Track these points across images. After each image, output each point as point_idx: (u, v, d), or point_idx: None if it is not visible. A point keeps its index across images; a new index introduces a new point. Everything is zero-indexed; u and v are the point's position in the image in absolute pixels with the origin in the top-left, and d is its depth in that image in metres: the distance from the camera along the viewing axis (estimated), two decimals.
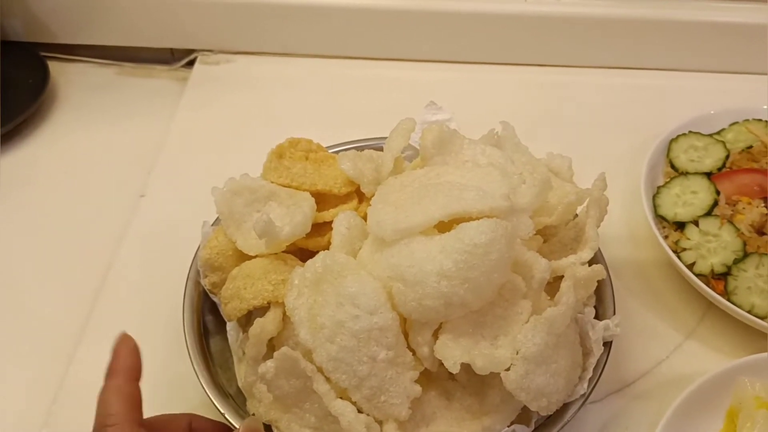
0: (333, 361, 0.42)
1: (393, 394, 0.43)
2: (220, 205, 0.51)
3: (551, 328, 0.43)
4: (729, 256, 0.56)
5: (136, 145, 0.74)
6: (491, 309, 0.44)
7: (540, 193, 0.47)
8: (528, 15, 0.77)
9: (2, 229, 0.67)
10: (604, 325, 0.48)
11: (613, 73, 0.80)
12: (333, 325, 0.42)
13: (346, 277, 0.43)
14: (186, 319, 0.52)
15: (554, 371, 0.43)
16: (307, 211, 0.49)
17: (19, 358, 0.58)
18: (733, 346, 0.55)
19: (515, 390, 0.42)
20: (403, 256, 0.43)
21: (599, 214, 0.51)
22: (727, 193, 0.60)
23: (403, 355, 0.43)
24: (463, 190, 0.45)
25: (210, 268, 0.52)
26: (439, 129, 0.51)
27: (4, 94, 0.76)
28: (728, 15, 0.76)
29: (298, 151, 0.55)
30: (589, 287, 0.49)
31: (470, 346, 0.43)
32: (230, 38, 0.82)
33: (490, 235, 0.41)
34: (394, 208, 0.46)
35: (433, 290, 0.41)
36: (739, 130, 0.66)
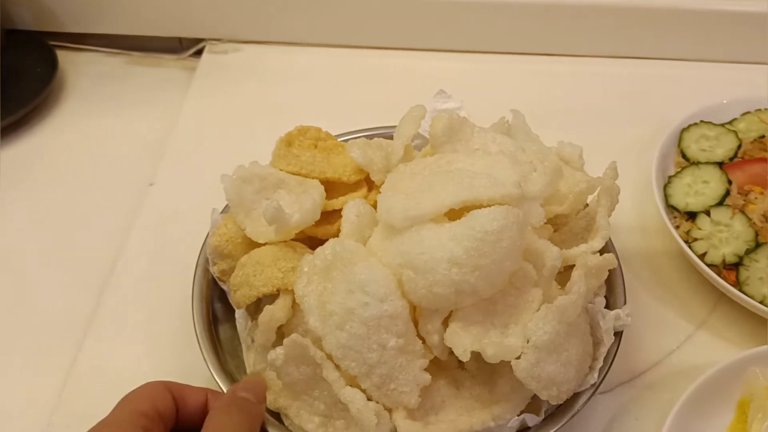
0: (342, 349, 0.42)
1: (402, 382, 0.43)
2: (229, 193, 0.51)
3: (562, 317, 0.43)
4: (741, 246, 0.55)
5: (145, 134, 0.74)
6: (502, 297, 0.44)
7: (551, 182, 0.47)
8: (538, 4, 0.77)
9: (11, 218, 0.67)
10: (614, 314, 0.48)
11: (624, 62, 0.79)
12: (343, 313, 0.42)
13: (356, 264, 0.43)
14: (195, 307, 0.52)
15: (565, 360, 0.43)
16: (317, 198, 0.49)
17: (27, 348, 0.58)
18: (744, 336, 0.55)
19: (526, 378, 0.42)
20: (414, 243, 0.43)
21: (610, 203, 0.50)
22: (739, 182, 0.60)
23: (412, 343, 0.43)
24: (474, 178, 0.44)
25: (219, 255, 0.52)
26: (448, 117, 0.51)
27: (12, 83, 0.76)
28: (740, 4, 0.75)
29: (307, 139, 0.55)
30: (600, 276, 0.48)
31: (480, 335, 0.43)
32: (238, 27, 0.81)
33: (502, 222, 0.41)
34: (404, 196, 0.45)
35: (444, 277, 0.41)
36: (751, 119, 0.66)
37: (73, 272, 0.62)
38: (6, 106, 0.74)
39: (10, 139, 0.74)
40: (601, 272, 0.48)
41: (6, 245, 0.65)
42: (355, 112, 0.72)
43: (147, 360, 0.55)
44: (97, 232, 0.65)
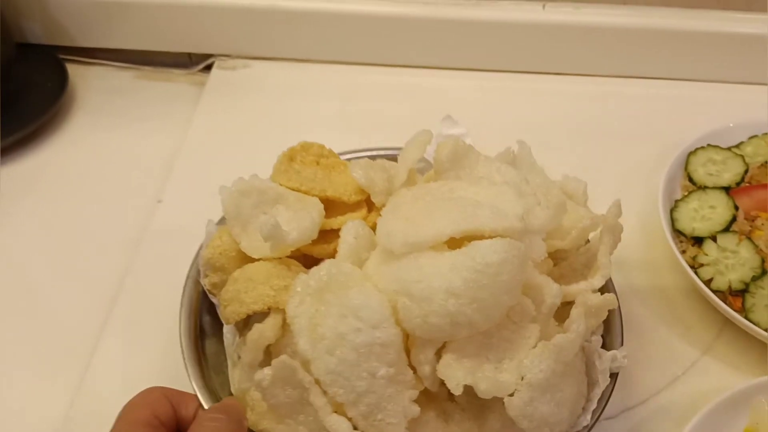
0: (331, 374, 0.41)
1: (390, 413, 0.42)
2: (226, 205, 0.50)
3: (559, 356, 0.42)
4: (747, 272, 0.55)
5: (154, 149, 0.74)
6: (498, 331, 0.43)
7: (555, 216, 0.46)
8: (546, 23, 0.77)
9: (21, 232, 0.67)
10: (611, 356, 0.47)
11: (631, 82, 0.79)
12: (334, 337, 0.41)
13: (350, 288, 0.42)
14: (182, 320, 0.51)
15: (559, 400, 0.42)
16: (315, 217, 0.48)
17: (36, 362, 0.58)
18: (750, 363, 0.55)
19: (518, 417, 0.41)
20: (411, 270, 0.42)
21: (612, 242, 0.50)
22: (746, 208, 0.60)
23: (403, 372, 0.42)
24: (477, 208, 0.44)
25: (211, 268, 0.51)
26: (454, 143, 0.50)
27: (23, 96, 0.76)
28: (749, 26, 0.75)
29: (309, 155, 0.54)
30: (599, 316, 0.48)
31: (474, 368, 0.42)
32: (247, 44, 0.82)
33: (503, 255, 0.40)
34: (404, 221, 0.45)
35: (440, 308, 0.40)
36: (758, 143, 0.66)
37: (83, 287, 0.63)
38: (17, 120, 0.74)
39: (21, 153, 0.74)
40: (600, 312, 0.48)
41: (16, 258, 0.65)
42: (361, 130, 0.73)
43: (157, 374, 0.56)
44: (105, 248, 0.65)
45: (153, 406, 0.42)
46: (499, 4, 0.78)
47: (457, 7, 0.78)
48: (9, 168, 0.73)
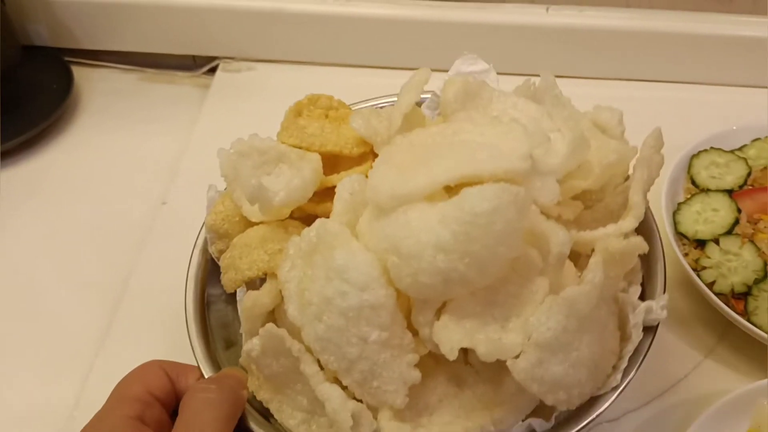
0: (320, 341, 0.38)
1: (387, 379, 0.38)
2: (225, 167, 0.47)
3: (571, 311, 0.37)
4: (750, 275, 0.55)
5: (158, 151, 0.75)
6: (503, 286, 0.38)
7: (572, 154, 0.40)
8: (549, 26, 0.77)
9: (26, 234, 0.68)
10: (645, 306, 0.41)
11: (634, 85, 0.79)
12: (320, 302, 0.38)
13: (335, 248, 0.39)
14: (188, 289, 0.49)
15: (575, 360, 0.37)
16: (307, 175, 0.45)
17: (41, 364, 0.58)
18: (752, 366, 0.55)
19: (525, 381, 0.37)
20: (399, 225, 0.38)
21: (647, 177, 0.43)
22: (749, 211, 0.60)
23: (399, 336, 0.39)
24: (477, 150, 0.38)
25: (216, 234, 0.49)
26: (462, 81, 0.45)
27: (28, 99, 0.77)
28: (752, 29, 0.75)
29: (317, 108, 0.52)
30: (625, 263, 0.41)
31: (476, 329, 0.37)
32: (252, 46, 0.82)
33: (494, 202, 0.35)
34: (396, 170, 0.40)
35: (429, 265, 0.36)
36: (761, 146, 0.66)
37: (87, 289, 0.63)
38: (23, 122, 0.75)
39: (27, 155, 0.75)
40: (627, 258, 0.41)
41: (21, 260, 0.66)
42: None
43: None
44: (109, 250, 0.66)
45: (147, 381, 0.41)
46: (503, 6, 0.78)
47: (460, 10, 0.78)
48: (15, 170, 0.73)
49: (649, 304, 0.42)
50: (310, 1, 0.79)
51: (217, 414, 0.39)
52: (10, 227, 0.68)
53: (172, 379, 0.42)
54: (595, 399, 0.41)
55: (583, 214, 0.45)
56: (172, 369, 0.43)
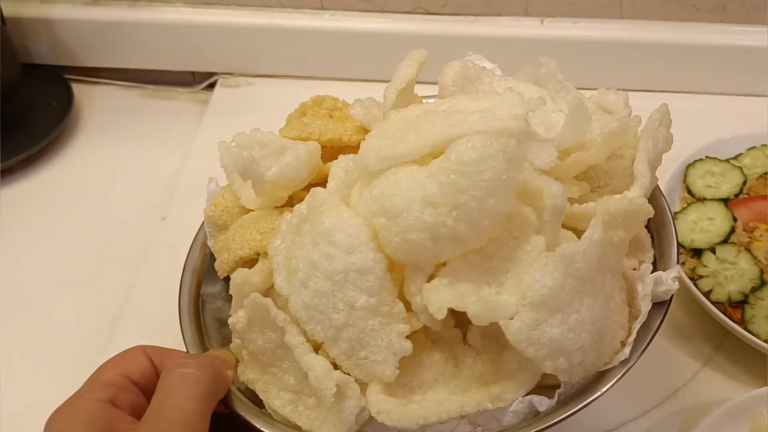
0: (307, 309, 0.37)
1: (374, 349, 0.36)
2: (225, 159, 0.46)
3: (569, 269, 0.34)
4: (746, 284, 0.55)
5: (158, 166, 0.75)
6: (498, 250, 0.36)
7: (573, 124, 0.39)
8: (545, 38, 0.78)
9: (27, 250, 0.68)
10: (655, 278, 0.39)
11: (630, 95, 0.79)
12: (307, 267, 0.37)
13: (323, 212, 0.38)
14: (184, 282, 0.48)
15: (575, 323, 0.35)
16: (301, 153, 0.44)
17: (42, 378, 0.59)
18: (750, 374, 0.55)
19: (520, 343, 0.34)
20: (388, 186, 0.36)
21: (653, 147, 0.41)
22: (745, 220, 0.60)
23: (388, 304, 0.37)
24: (468, 115, 0.37)
25: (215, 226, 0.49)
26: (462, 65, 0.44)
27: (29, 116, 0.78)
28: (745, 38, 0.76)
29: (322, 109, 0.52)
30: (629, 226, 0.39)
31: (468, 292, 0.35)
32: (250, 62, 0.83)
33: (482, 150, 0.33)
34: (388, 140, 0.39)
35: (417, 220, 0.34)
36: (756, 155, 0.66)
37: (88, 304, 0.64)
38: (23, 139, 0.75)
39: (28, 172, 0.75)
40: (629, 221, 0.39)
41: (23, 275, 0.66)
42: None
43: None
44: (110, 266, 0.66)
45: (124, 365, 0.40)
46: (498, 19, 0.79)
47: (456, 23, 0.79)
48: (16, 186, 0.74)
49: (659, 275, 0.40)
50: (307, 16, 0.79)
51: (194, 390, 0.37)
52: (11, 244, 0.69)
53: (156, 363, 0.41)
54: (602, 375, 0.38)
55: (590, 197, 0.43)
56: (156, 353, 0.41)
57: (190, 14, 0.80)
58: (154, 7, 0.80)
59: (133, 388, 0.39)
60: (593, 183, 0.44)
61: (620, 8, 0.77)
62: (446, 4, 0.78)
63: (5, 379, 0.58)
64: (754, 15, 0.76)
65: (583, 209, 0.39)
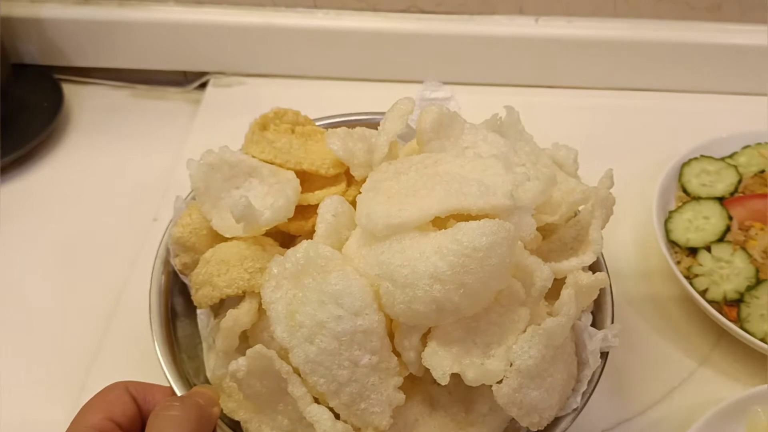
0: (311, 364, 0.39)
1: (374, 401, 0.40)
2: (195, 180, 0.47)
3: (550, 341, 0.40)
4: (742, 282, 0.55)
5: (150, 167, 0.75)
6: (485, 314, 0.41)
7: (545, 190, 0.44)
8: (539, 37, 0.78)
9: (17, 251, 0.68)
10: (602, 335, 0.45)
11: (624, 94, 0.80)
12: (313, 325, 0.39)
13: (330, 272, 0.40)
14: (152, 303, 0.48)
15: (549, 386, 0.40)
16: (291, 195, 0.45)
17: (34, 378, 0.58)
18: (746, 373, 0.55)
19: (506, 404, 0.39)
20: (394, 253, 0.39)
21: (605, 215, 0.47)
22: (740, 218, 0.60)
23: (387, 360, 0.40)
24: (464, 184, 0.41)
25: (182, 247, 0.48)
26: (438, 111, 0.47)
27: (19, 117, 0.77)
28: (739, 37, 0.76)
29: (283, 122, 0.51)
30: (591, 295, 0.45)
31: (461, 354, 0.40)
32: (242, 61, 0.82)
33: (492, 238, 0.37)
34: (386, 199, 0.42)
35: (425, 294, 0.38)
36: (751, 153, 0.66)
37: (79, 305, 0.63)
38: (13, 140, 0.75)
39: (18, 172, 0.75)
40: (592, 291, 0.45)
41: (13, 277, 0.66)
42: None
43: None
44: (101, 266, 0.66)
45: (108, 407, 0.40)
46: (493, 18, 0.78)
47: (450, 22, 0.78)
48: (6, 187, 0.73)
49: (605, 333, 0.45)
50: (300, 15, 0.79)
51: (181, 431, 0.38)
52: (1, 244, 0.68)
53: (139, 401, 0.41)
54: (558, 419, 0.43)
55: (540, 245, 0.48)
56: (138, 390, 0.41)
57: (181, 13, 0.79)
58: (145, 6, 0.80)
59: (117, 430, 0.40)
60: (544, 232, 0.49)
61: (614, 7, 0.77)
62: (440, 3, 0.78)
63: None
64: (749, 14, 0.76)
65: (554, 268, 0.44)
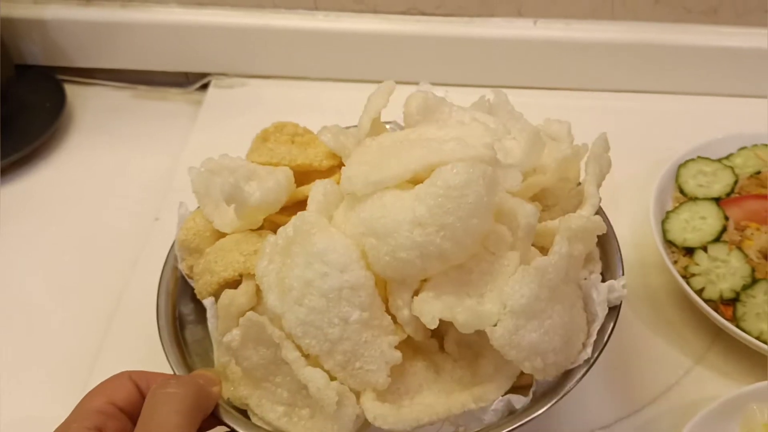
0: (302, 325, 0.39)
1: (369, 359, 0.40)
2: (196, 184, 0.49)
3: (543, 280, 0.39)
4: (738, 282, 0.56)
5: (151, 167, 0.75)
6: (476, 265, 0.41)
7: (531, 150, 0.44)
8: (537, 39, 0.79)
9: (20, 251, 0.68)
10: (608, 286, 0.45)
11: (622, 96, 0.80)
12: (301, 286, 0.40)
13: (314, 234, 0.40)
14: (160, 305, 0.50)
15: (548, 328, 0.40)
16: (281, 179, 0.47)
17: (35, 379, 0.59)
18: (742, 372, 0.55)
19: (504, 347, 0.38)
20: (375, 208, 0.40)
21: (599, 171, 0.47)
22: (736, 218, 0.60)
23: (379, 317, 0.40)
24: (443, 143, 0.42)
25: (187, 250, 0.50)
26: (423, 95, 0.48)
27: (22, 117, 0.78)
28: (736, 40, 0.77)
29: (283, 135, 0.53)
30: (587, 241, 0.44)
31: (453, 304, 0.39)
32: (243, 62, 0.83)
33: (465, 176, 0.38)
34: (367, 162, 0.43)
35: (406, 240, 0.38)
36: (747, 155, 0.67)
37: (81, 305, 0.63)
38: (15, 140, 0.75)
39: (20, 172, 0.75)
40: (587, 236, 0.44)
41: (14, 277, 0.66)
42: None
43: None
44: (103, 266, 0.66)
45: (111, 392, 0.41)
46: (492, 20, 0.79)
47: (449, 24, 0.79)
48: (8, 187, 0.74)
49: (611, 283, 0.45)
50: (300, 16, 0.80)
51: (177, 407, 0.38)
52: (3, 245, 0.69)
53: (141, 389, 0.42)
54: (569, 372, 0.43)
55: (542, 216, 0.47)
56: (141, 378, 0.42)
57: (183, 14, 0.80)
58: (147, 7, 0.80)
59: (120, 415, 0.40)
60: (544, 203, 0.49)
61: (612, 10, 0.77)
62: (440, 5, 0.79)
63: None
64: (746, 17, 0.76)
65: (544, 227, 0.45)
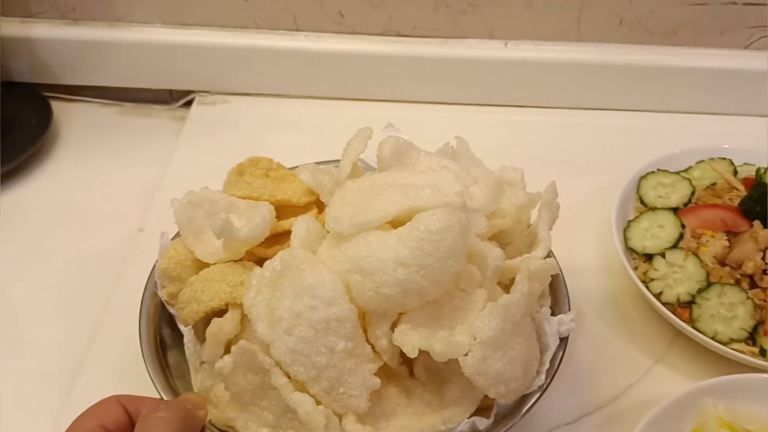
0: (291, 354, 0.43)
1: (351, 385, 0.43)
2: (179, 216, 0.52)
3: (507, 315, 0.44)
4: (693, 285, 0.59)
5: (136, 181, 0.77)
6: (448, 300, 0.45)
7: (494, 196, 0.49)
8: (508, 60, 0.82)
9: (5, 264, 0.69)
10: (558, 320, 0.50)
11: (587, 113, 0.84)
12: (291, 317, 0.43)
13: (304, 270, 0.44)
14: (142, 330, 0.52)
15: (511, 358, 0.45)
16: (267, 214, 0.50)
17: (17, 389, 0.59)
18: (699, 370, 0.58)
19: (473, 375, 0.43)
20: (361, 247, 0.44)
21: (550, 217, 0.52)
22: (692, 227, 0.64)
23: (361, 347, 0.44)
24: (419, 189, 0.46)
25: (168, 278, 0.52)
26: (395, 140, 0.52)
27: (8, 132, 0.79)
28: (694, 60, 0.81)
29: (258, 169, 0.56)
30: (543, 280, 0.50)
31: (429, 335, 0.44)
32: (227, 80, 0.85)
33: (444, 222, 0.42)
34: (351, 207, 0.47)
35: (390, 278, 0.42)
36: (704, 168, 0.71)
37: (65, 316, 0.64)
38: (3, 155, 0.76)
39: (7, 187, 0.76)
40: (543, 276, 0.49)
41: (1, 289, 0.67)
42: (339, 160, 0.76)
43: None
44: (88, 277, 0.67)
45: (101, 416, 0.41)
46: (465, 42, 0.82)
47: (426, 45, 0.82)
48: None
49: (561, 317, 0.50)
50: (282, 37, 0.82)
51: (167, 430, 0.39)
52: None
53: (131, 413, 0.43)
54: (526, 396, 0.47)
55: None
56: (130, 403, 0.43)
57: (167, 34, 0.82)
58: (132, 27, 0.83)
59: None
60: (500, 242, 0.53)
61: (579, 32, 0.81)
62: (416, 27, 0.82)
63: None
64: (703, 39, 0.80)
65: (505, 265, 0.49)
